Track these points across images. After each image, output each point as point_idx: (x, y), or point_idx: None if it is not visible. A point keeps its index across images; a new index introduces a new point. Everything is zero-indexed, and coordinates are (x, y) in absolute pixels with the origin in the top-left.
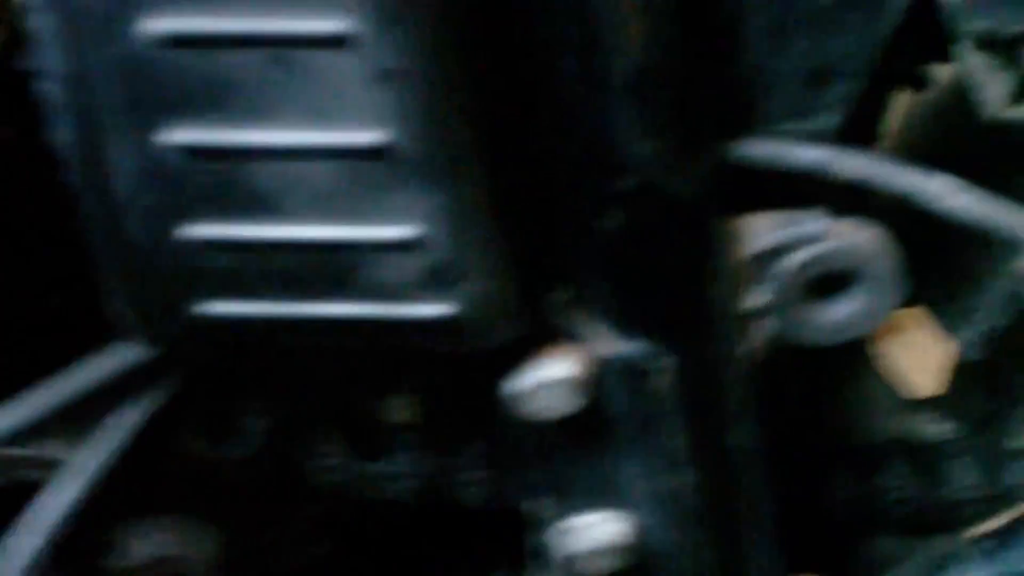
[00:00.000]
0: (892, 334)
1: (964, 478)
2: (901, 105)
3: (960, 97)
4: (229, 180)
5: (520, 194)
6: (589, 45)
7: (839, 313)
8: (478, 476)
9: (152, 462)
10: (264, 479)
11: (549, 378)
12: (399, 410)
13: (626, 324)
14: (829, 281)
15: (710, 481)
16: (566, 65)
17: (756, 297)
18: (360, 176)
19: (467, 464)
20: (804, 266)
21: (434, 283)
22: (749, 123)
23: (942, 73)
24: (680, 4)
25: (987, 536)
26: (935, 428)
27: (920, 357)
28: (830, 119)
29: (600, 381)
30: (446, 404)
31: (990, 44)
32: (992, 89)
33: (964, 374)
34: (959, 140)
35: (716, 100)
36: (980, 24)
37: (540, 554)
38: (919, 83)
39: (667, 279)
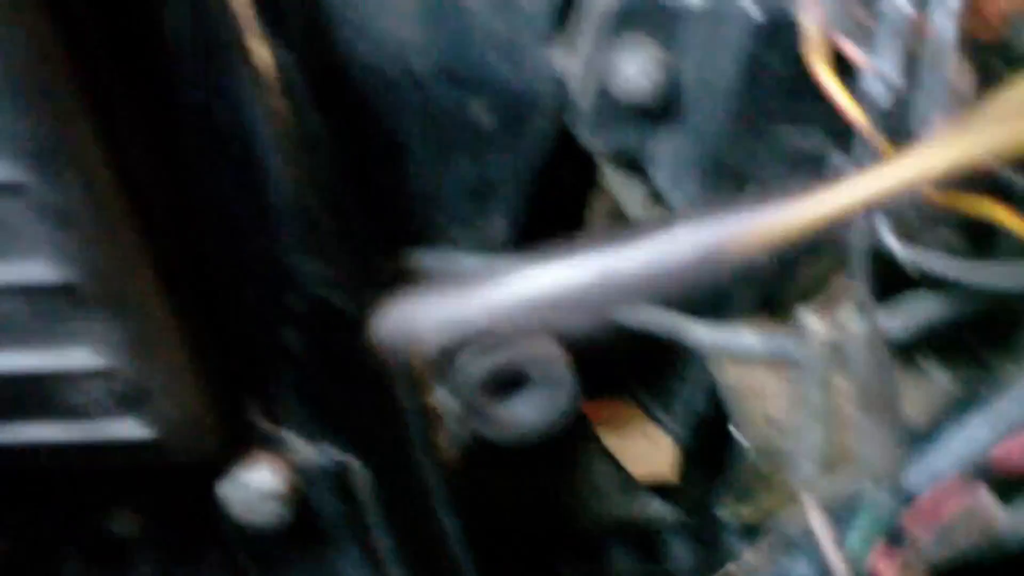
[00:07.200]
0: (621, 424)
1: (682, 553)
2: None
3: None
4: None
5: (205, 318)
6: (249, 174)
7: (519, 412)
8: None
9: None
10: None
11: (248, 488)
12: (125, 523)
13: (318, 434)
14: (505, 382)
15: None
16: (231, 194)
17: (439, 399)
18: (44, 310)
19: (208, 574)
20: (476, 368)
21: (125, 406)
22: (422, 236)
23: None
24: (336, 133)
25: None
26: (655, 510)
27: (650, 445)
28: (498, 227)
29: (303, 489)
30: (172, 516)
31: (619, 162)
32: (630, 195)
33: (684, 458)
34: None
35: (386, 217)
36: (602, 147)
37: None
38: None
39: (349, 389)
